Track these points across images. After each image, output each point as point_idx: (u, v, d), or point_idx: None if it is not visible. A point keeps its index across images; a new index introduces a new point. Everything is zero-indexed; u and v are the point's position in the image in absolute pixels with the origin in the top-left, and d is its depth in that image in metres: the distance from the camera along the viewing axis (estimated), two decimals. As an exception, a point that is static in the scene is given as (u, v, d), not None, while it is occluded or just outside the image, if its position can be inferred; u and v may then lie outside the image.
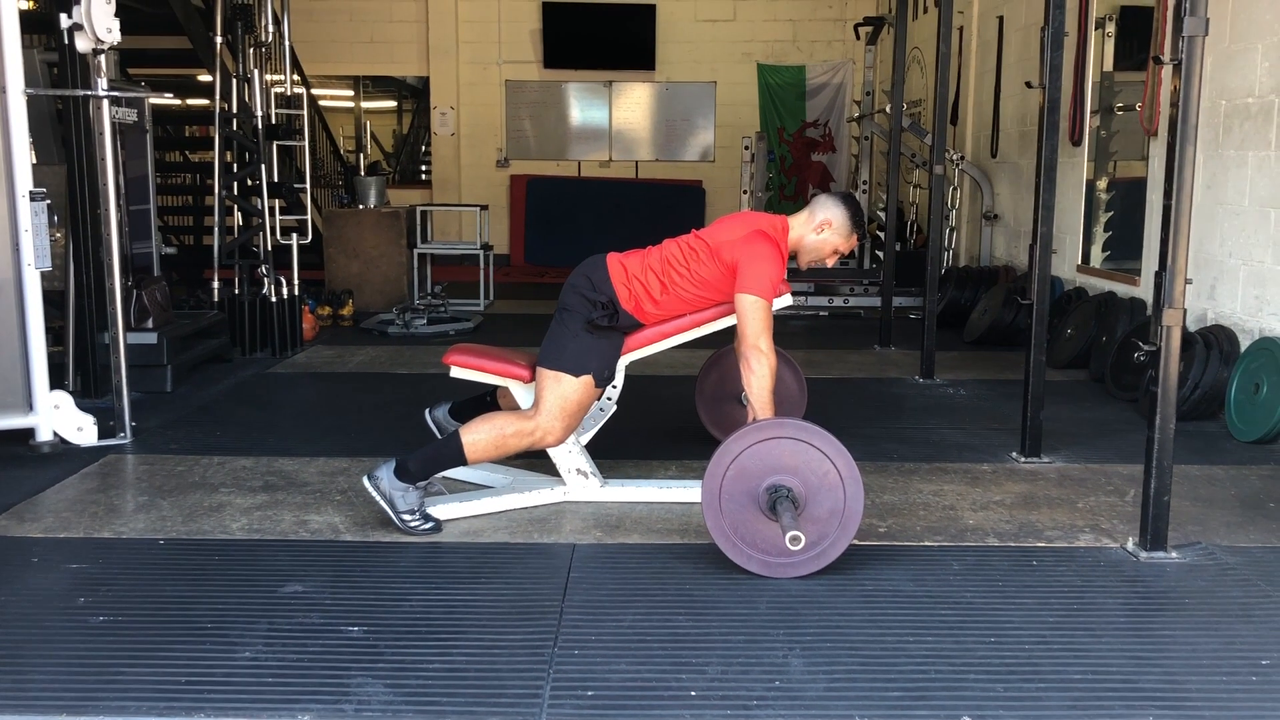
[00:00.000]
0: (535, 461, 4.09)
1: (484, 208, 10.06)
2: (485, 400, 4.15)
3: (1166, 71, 5.40)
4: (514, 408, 3.91)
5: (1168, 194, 3.32)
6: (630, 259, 3.79)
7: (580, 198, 12.82)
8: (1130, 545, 3.51)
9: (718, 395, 4.63)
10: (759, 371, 3.52)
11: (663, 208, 12.66)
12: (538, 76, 12.94)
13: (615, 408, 4.14)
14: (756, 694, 2.54)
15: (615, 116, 13.15)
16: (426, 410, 4.28)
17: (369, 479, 3.57)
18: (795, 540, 3.02)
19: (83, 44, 4.55)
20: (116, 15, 4.60)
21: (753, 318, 3.57)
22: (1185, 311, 3.35)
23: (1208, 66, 5.28)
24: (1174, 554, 3.43)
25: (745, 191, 9.37)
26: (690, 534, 3.61)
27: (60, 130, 5.50)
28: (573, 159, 13.20)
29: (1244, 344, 5.14)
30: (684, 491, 3.93)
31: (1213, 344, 5.19)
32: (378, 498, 3.55)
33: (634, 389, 4.26)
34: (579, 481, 3.90)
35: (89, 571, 3.25)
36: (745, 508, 3.20)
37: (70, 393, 4.72)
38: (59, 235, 5.32)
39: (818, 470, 3.19)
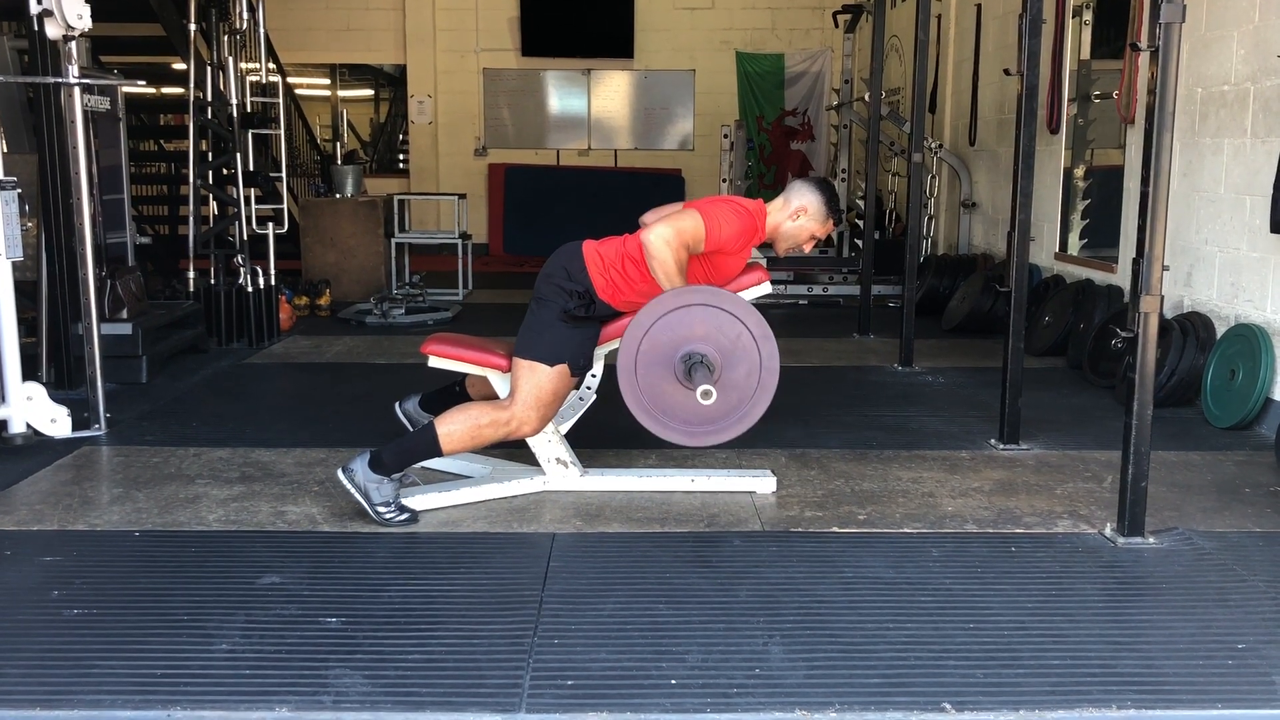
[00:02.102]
0: (515, 451, 4.07)
1: (462, 197, 10.00)
2: (454, 391, 4.13)
3: (1143, 59, 5.42)
4: (485, 397, 3.89)
5: (1145, 181, 3.32)
6: (606, 247, 3.77)
7: (559, 186, 12.78)
8: (1108, 531, 3.52)
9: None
10: (659, 256, 3.48)
11: (642, 196, 12.51)
12: (516, 65, 12.88)
13: (595, 397, 4.12)
14: (736, 682, 2.54)
15: (594, 105, 13.11)
16: (397, 403, 4.25)
17: (343, 472, 3.54)
18: (706, 395, 3.00)
19: (53, 30, 4.49)
20: (87, 1, 4.54)
21: (676, 218, 3.55)
22: (1162, 298, 3.36)
23: (1184, 54, 5.30)
24: (1151, 539, 3.45)
25: (724, 180, 9.36)
26: (670, 522, 3.61)
27: (31, 118, 5.44)
28: (551, 148, 13.15)
29: (1220, 330, 5.17)
30: (664, 480, 3.93)
31: (1189, 331, 5.22)
32: (352, 490, 3.53)
33: (614, 378, 4.25)
34: (558, 471, 3.89)
35: (63, 564, 3.22)
36: (663, 379, 3.17)
37: (43, 384, 4.67)
38: (31, 225, 5.25)
39: (730, 334, 3.17)
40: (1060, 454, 4.46)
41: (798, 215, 3.82)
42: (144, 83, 6.17)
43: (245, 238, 6.94)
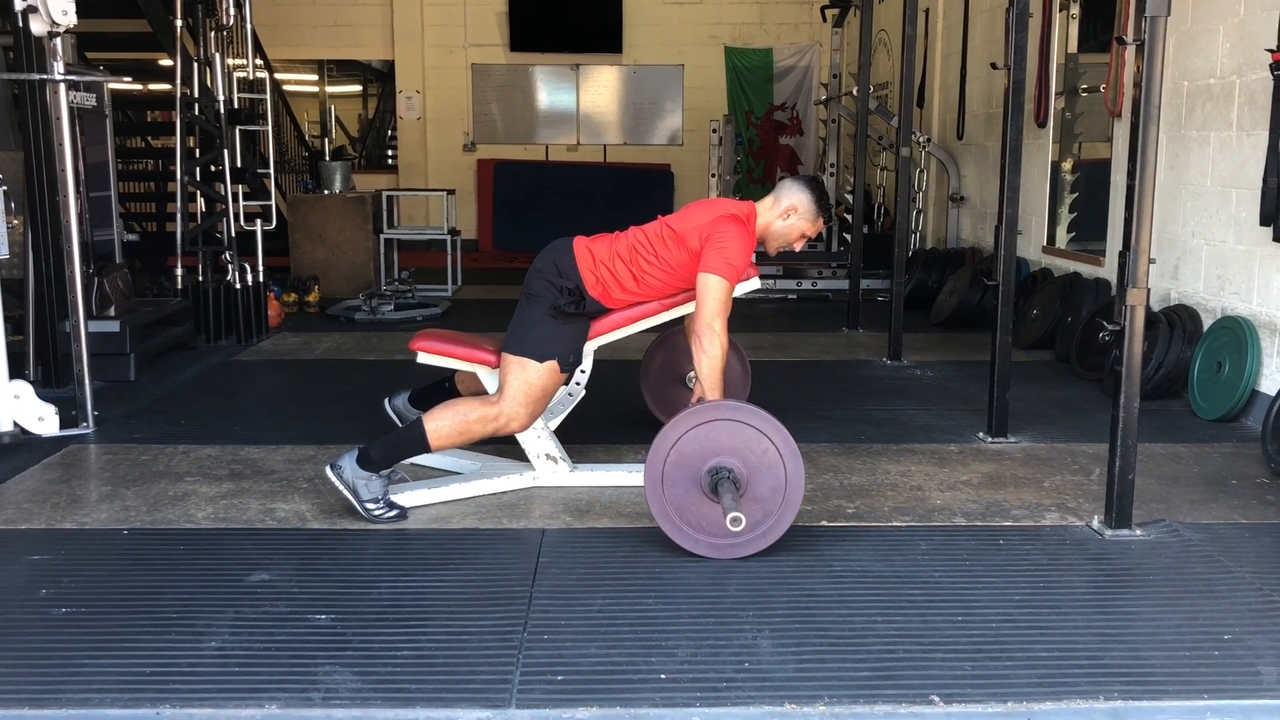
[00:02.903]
0: (504, 447, 4.07)
1: (451, 192, 9.99)
2: (444, 387, 4.12)
3: (1130, 53, 5.43)
4: (474, 393, 3.89)
5: (1131, 175, 3.34)
6: (598, 244, 3.77)
7: (548, 182, 12.76)
8: (1095, 523, 3.54)
9: (663, 378, 4.62)
10: (710, 352, 3.51)
11: (631, 191, 12.64)
12: (504, 60, 12.85)
13: (584, 393, 4.13)
14: (726, 676, 2.55)
15: (583, 100, 13.09)
16: (386, 400, 4.25)
17: (332, 468, 3.54)
18: (736, 521, 3.03)
19: (38, 27, 4.47)
20: (72, -3, 4.52)
21: (712, 298, 3.56)
22: (1149, 291, 3.38)
23: (1170, 48, 5.32)
24: (1138, 531, 3.46)
25: (713, 175, 9.36)
26: (660, 518, 3.61)
27: (17, 115, 5.41)
28: (540, 143, 13.13)
29: (1206, 323, 5.19)
30: (653, 475, 3.93)
31: (1176, 323, 5.24)
32: (341, 487, 3.52)
33: (603, 374, 4.25)
34: (548, 466, 3.89)
35: (51, 563, 3.21)
36: (688, 492, 3.21)
37: (31, 382, 4.65)
38: (17, 222, 5.23)
39: (756, 449, 3.20)
40: (1048, 447, 4.48)
41: (788, 214, 3.82)
42: (130, 79, 6.17)
43: (233, 234, 6.91)
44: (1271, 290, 4.75)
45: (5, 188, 4.45)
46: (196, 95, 7.18)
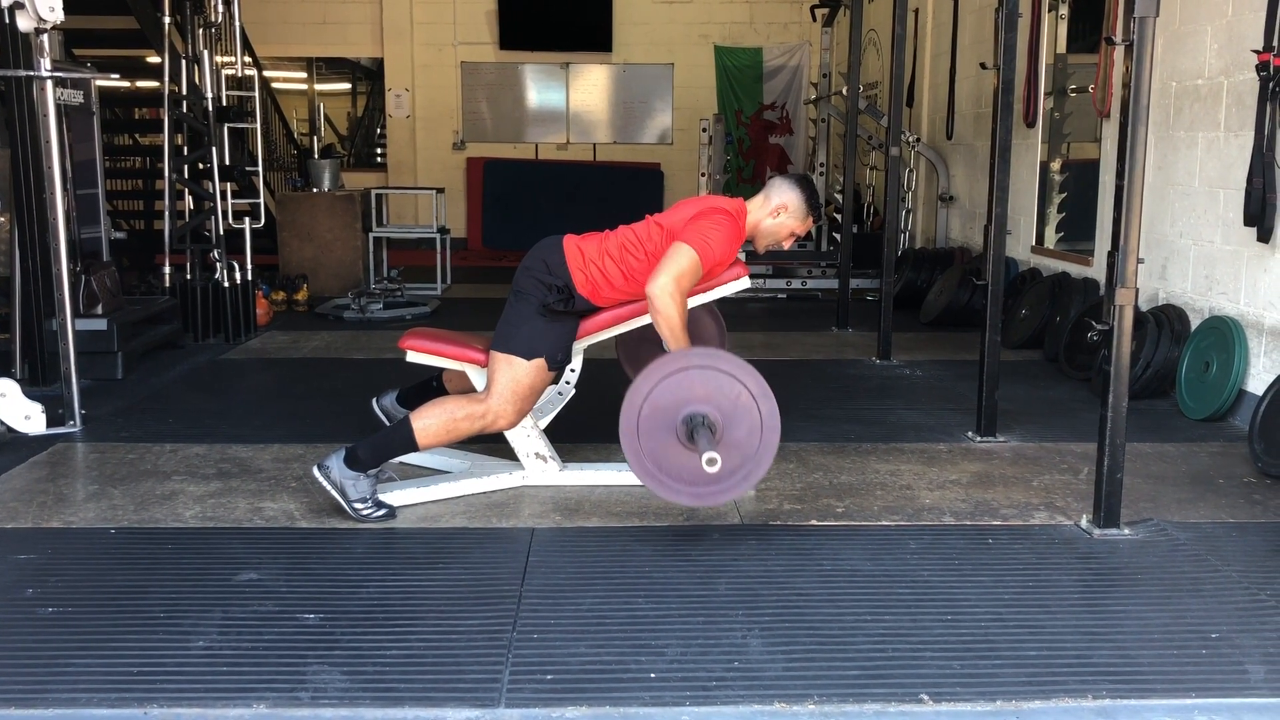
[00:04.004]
0: (493, 446, 4.07)
1: (440, 191, 9.97)
2: (432, 386, 4.11)
3: (1119, 53, 5.45)
4: (463, 392, 3.88)
5: (1120, 175, 3.35)
6: (587, 243, 3.76)
7: (538, 180, 12.75)
8: (1084, 522, 3.55)
9: (642, 339, 4.61)
10: (665, 312, 3.48)
11: (621, 190, 12.63)
12: (494, 58, 12.83)
13: (574, 391, 4.12)
14: (716, 675, 2.55)
15: (572, 98, 13.08)
16: (374, 399, 4.24)
17: (319, 468, 3.53)
18: (711, 462, 3.03)
19: (24, 23, 4.44)
20: (60, -6, 4.50)
21: (675, 260, 3.52)
22: (1137, 291, 3.39)
23: (1158, 48, 5.32)
24: (1126, 530, 3.47)
25: (703, 174, 9.36)
26: (649, 516, 3.61)
27: (3, 112, 5.38)
28: (530, 141, 13.11)
29: (1194, 323, 5.21)
30: (643, 474, 3.93)
31: (1164, 323, 5.26)
32: (328, 487, 3.51)
33: (593, 372, 4.25)
34: (537, 465, 3.89)
35: (37, 562, 3.19)
36: (665, 442, 3.19)
37: (17, 380, 4.64)
38: (3, 220, 5.21)
39: (730, 394, 3.19)
40: (1037, 446, 4.49)
41: (778, 213, 3.82)
42: (118, 76, 6.14)
43: (221, 232, 6.89)
44: (1258, 290, 4.77)
45: (-9, 185, 4.42)
46: (185, 92, 7.15)
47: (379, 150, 13.56)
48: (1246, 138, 4.74)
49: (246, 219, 7.19)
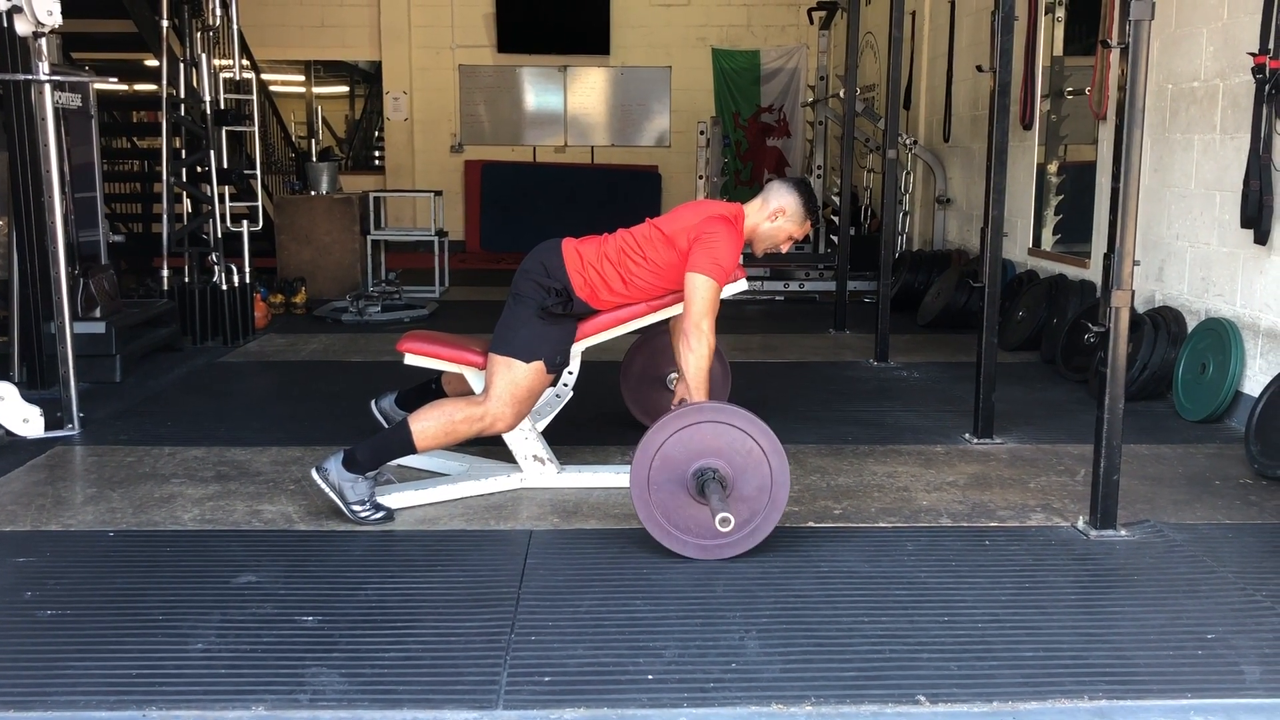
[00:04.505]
0: (491, 448, 4.07)
1: (438, 193, 9.97)
2: (431, 388, 4.12)
3: (1115, 56, 5.46)
4: (461, 394, 3.89)
5: (1116, 177, 3.36)
6: (586, 246, 3.77)
7: (536, 183, 12.75)
8: (1080, 524, 3.56)
9: (643, 379, 4.63)
10: (698, 351, 3.52)
11: (619, 193, 12.64)
12: (492, 61, 12.84)
13: (572, 394, 4.13)
14: (713, 676, 2.55)
15: (570, 101, 13.09)
16: (372, 401, 4.24)
17: (317, 471, 3.53)
18: (725, 522, 3.05)
19: (22, 27, 4.45)
20: (58, -2, 4.51)
21: (700, 297, 3.56)
22: (1133, 293, 3.40)
23: (1154, 51, 5.35)
24: (1123, 532, 3.48)
25: (701, 177, 9.37)
26: (647, 519, 3.61)
27: (1, 116, 5.39)
28: (528, 144, 13.12)
29: (1191, 325, 5.22)
30: (641, 476, 3.93)
31: (1160, 325, 5.27)
32: (326, 489, 3.52)
33: (591, 375, 4.25)
34: (536, 468, 3.89)
35: (36, 565, 3.20)
36: (675, 494, 3.22)
37: (16, 384, 4.63)
38: (2, 223, 5.21)
39: (741, 449, 3.21)
40: (1033, 448, 4.50)
41: (776, 216, 3.83)
42: (116, 79, 6.15)
43: (220, 235, 6.89)
44: (1254, 292, 4.79)
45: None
46: (182, 96, 7.15)
47: (377, 153, 13.57)
48: (1242, 140, 4.75)
49: (245, 222, 7.19)
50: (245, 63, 7.89)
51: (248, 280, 6.99)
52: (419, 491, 3.74)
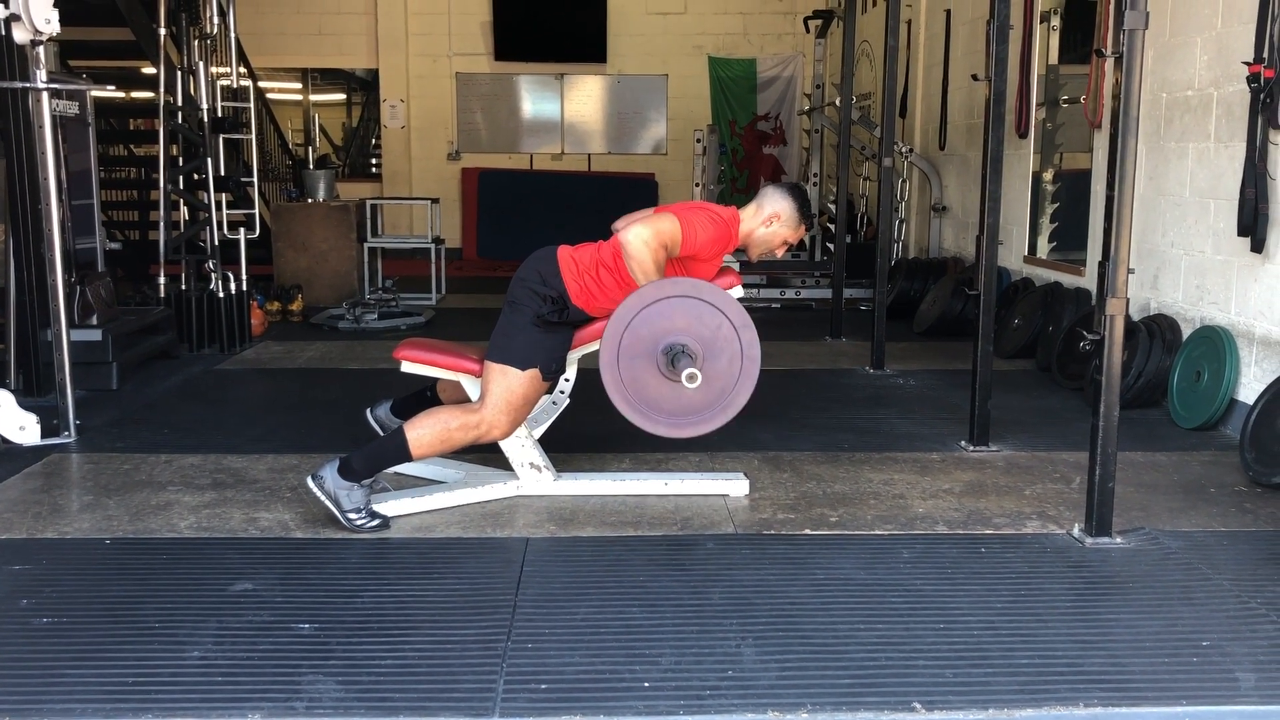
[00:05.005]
0: (488, 456, 4.07)
1: (435, 201, 9.99)
2: (426, 396, 4.12)
3: (1109, 64, 5.48)
4: (457, 401, 3.89)
5: (1111, 185, 3.37)
6: (581, 253, 3.78)
7: (532, 191, 12.77)
8: (1076, 531, 3.56)
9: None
10: (638, 256, 3.49)
11: (615, 200, 12.58)
12: (489, 69, 12.86)
13: (568, 401, 4.13)
14: (709, 684, 2.55)
15: (567, 109, 13.12)
16: (368, 409, 4.24)
17: (313, 479, 3.53)
18: (692, 378, 3.02)
19: (20, 35, 4.46)
20: (56, 5, 4.51)
21: (654, 220, 3.56)
22: (1128, 301, 3.41)
23: (1149, 60, 5.36)
24: (1118, 539, 3.49)
25: (697, 184, 9.39)
26: (644, 526, 3.62)
27: (-1, 123, 5.39)
28: (525, 152, 13.14)
29: (1186, 333, 5.24)
30: (637, 484, 3.94)
31: (1155, 333, 5.28)
32: (322, 497, 3.51)
33: (587, 383, 4.26)
34: (532, 475, 3.90)
35: (32, 573, 3.19)
36: (646, 372, 3.18)
37: (12, 391, 4.63)
38: (-1, 230, 5.21)
39: (710, 324, 3.19)
40: (1029, 455, 4.51)
41: (771, 222, 3.84)
42: (113, 87, 6.15)
43: (216, 243, 6.90)
44: (1249, 300, 4.80)
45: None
46: (180, 103, 7.16)
47: (374, 161, 13.58)
48: (1236, 148, 4.77)
49: (241, 229, 7.20)
50: (242, 70, 7.90)
51: (244, 288, 6.99)
52: (415, 499, 3.74)
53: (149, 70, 8.07)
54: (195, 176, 7.20)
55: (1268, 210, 4.59)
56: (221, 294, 6.81)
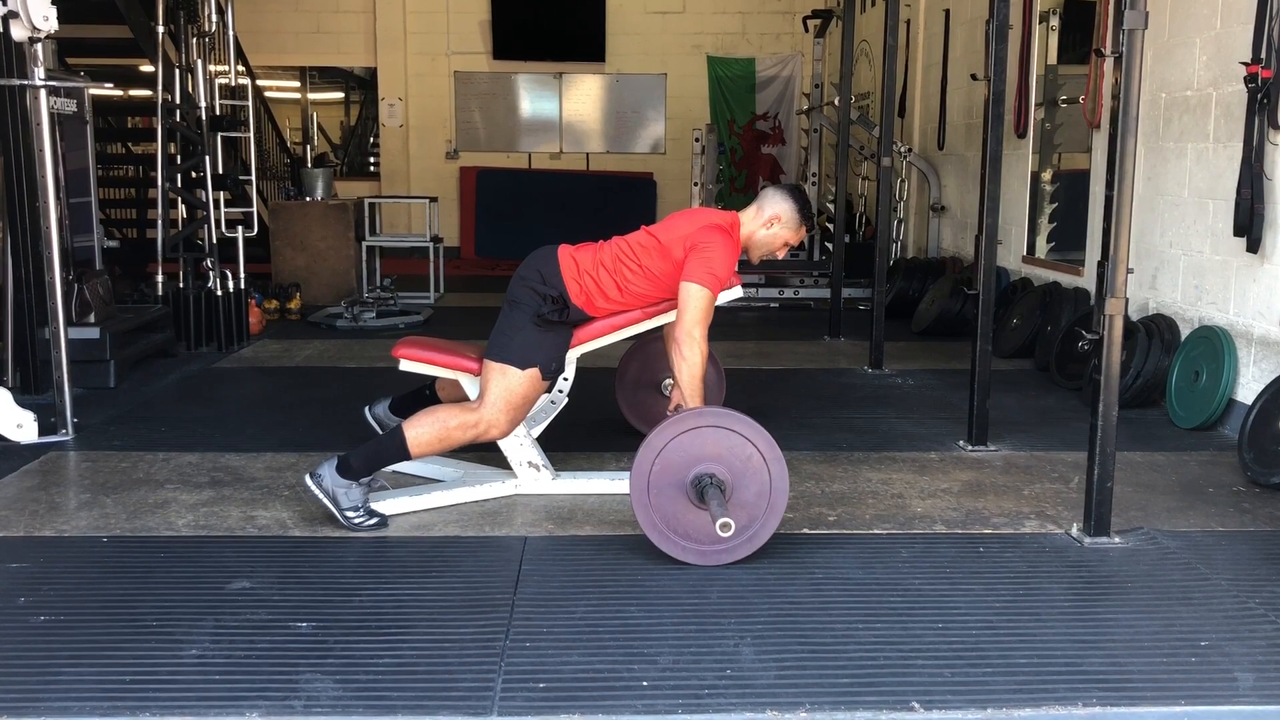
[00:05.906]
0: (486, 454, 4.07)
1: (433, 200, 9.98)
2: (425, 394, 4.12)
3: (1108, 65, 5.48)
4: (456, 400, 3.89)
5: (1109, 185, 3.37)
6: (581, 253, 3.78)
7: (531, 190, 12.76)
8: (1074, 531, 3.56)
9: (638, 384, 4.63)
10: (690, 359, 3.53)
11: (614, 200, 12.65)
12: (487, 68, 12.86)
13: (567, 400, 4.13)
14: (708, 683, 2.55)
15: (565, 108, 13.11)
16: (366, 408, 4.24)
17: (311, 477, 3.53)
18: (725, 527, 3.04)
19: (18, 32, 4.45)
20: (54, 3, 4.50)
21: (693, 306, 3.57)
22: (1127, 301, 3.41)
23: (1148, 60, 5.36)
24: (1117, 539, 3.49)
25: (696, 184, 9.38)
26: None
27: (-4, 121, 5.38)
28: (523, 151, 13.14)
29: (1184, 333, 5.24)
30: (635, 483, 3.93)
31: (1154, 333, 5.28)
32: (320, 496, 3.51)
33: (586, 382, 4.26)
34: (530, 474, 3.89)
35: (30, 570, 3.19)
36: (674, 500, 3.22)
37: (9, 389, 4.62)
38: (-4, 228, 5.19)
39: (741, 455, 3.21)
40: (1028, 455, 4.51)
41: (771, 224, 3.84)
42: (111, 85, 6.13)
43: (214, 241, 6.89)
44: (1247, 300, 4.80)
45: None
46: (178, 101, 7.15)
47: (372, 159, 13.57)
48: (1235, 149, 4.77)
49: (239, 228, 7.19)
50: (241, 69, 7.89)
51: (242, 286, 6.98)
52: (413, 498, 3.73)
53: (147, 68, 8.05)
54: (193, 175, 7.20)
55: (1263, 211, 4.59)
56: (219, 292, 6.80)
